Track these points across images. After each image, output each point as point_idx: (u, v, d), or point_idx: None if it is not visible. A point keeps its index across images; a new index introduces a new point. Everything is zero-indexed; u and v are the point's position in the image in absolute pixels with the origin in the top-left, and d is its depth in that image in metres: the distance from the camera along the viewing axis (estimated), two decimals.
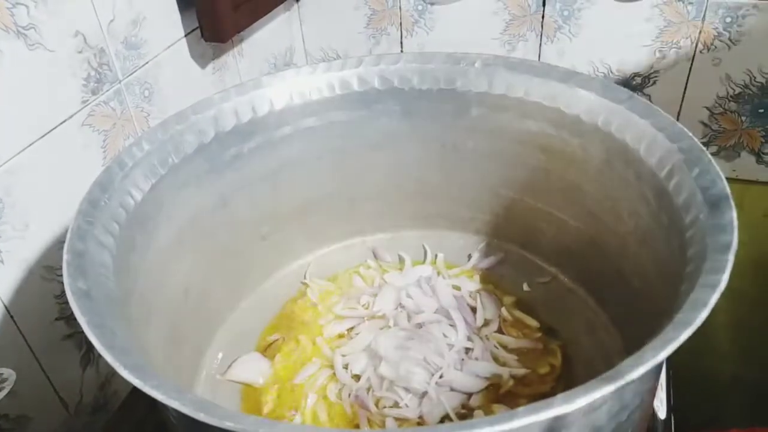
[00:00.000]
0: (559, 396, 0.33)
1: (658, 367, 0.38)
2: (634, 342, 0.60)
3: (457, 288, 0.69)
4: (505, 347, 0.63)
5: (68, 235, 0.46)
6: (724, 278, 0.39)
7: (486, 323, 0.65)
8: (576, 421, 0.37)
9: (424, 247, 0.75)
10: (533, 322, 0.65)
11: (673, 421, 0.60)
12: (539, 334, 0.64)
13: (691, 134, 0.51)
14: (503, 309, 0.66)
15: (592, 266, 0.65)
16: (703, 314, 0.37)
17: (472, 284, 0.70)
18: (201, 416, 0.33)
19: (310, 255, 0.75)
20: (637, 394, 0.42)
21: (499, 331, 0.65)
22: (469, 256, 0.74)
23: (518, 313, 0.66)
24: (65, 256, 0.44)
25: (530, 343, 0.63)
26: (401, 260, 0.74)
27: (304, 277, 0.72)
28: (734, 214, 0.44)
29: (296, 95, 0.63)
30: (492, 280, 0.71)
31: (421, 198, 0.73)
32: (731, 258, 0.40)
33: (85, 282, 0.43)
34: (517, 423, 0.32)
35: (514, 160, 0.66)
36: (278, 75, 0.63)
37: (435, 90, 0.64)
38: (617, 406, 0.40)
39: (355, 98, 0.65)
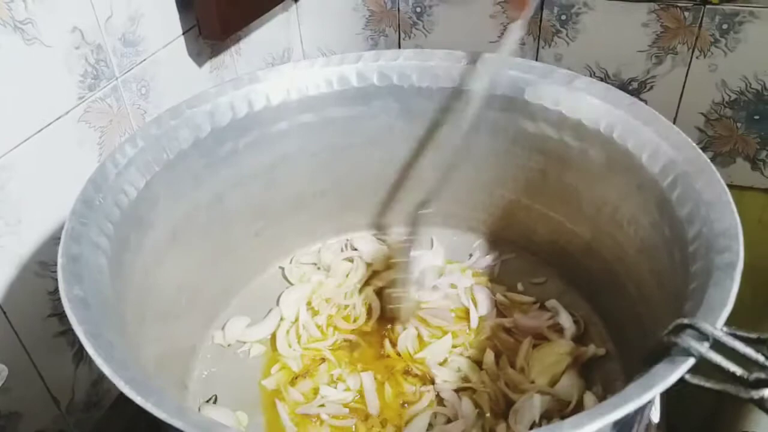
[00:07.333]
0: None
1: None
2: (624, 346, 0.61)
3: (453, 286, 0.69)
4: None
5: (62, 238, 0.45)
6: (730, 301, 0.39)
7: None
8: None
9: None
10: (528, 299, 0.68)
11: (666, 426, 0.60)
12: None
13: (695, 144, 0.51)
14: (498, 295, 0.68)
15: (587, 269, 0.65)
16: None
17: (467, 281, 0.70)
18: None
19: (304, 250, 0.74)
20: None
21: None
22: (470, 256, 0.74)
23: (513, 295, 0.69)
24: (60, 260, 0.43)
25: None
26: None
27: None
28: (740, 231, 0.43)
29: (293, 90, 0.63)
30: (486, 279, 0.71)
31: (416, 196, 0.72)
32: (737, 278, 0.40)
33: (81, 287, 0.42)
34: None
35: (512, 160, 0.66)
36: (275, 69, 0.63)
37: (435, 88, 0.64)
38: None
39: (353, 94, 0.64)
